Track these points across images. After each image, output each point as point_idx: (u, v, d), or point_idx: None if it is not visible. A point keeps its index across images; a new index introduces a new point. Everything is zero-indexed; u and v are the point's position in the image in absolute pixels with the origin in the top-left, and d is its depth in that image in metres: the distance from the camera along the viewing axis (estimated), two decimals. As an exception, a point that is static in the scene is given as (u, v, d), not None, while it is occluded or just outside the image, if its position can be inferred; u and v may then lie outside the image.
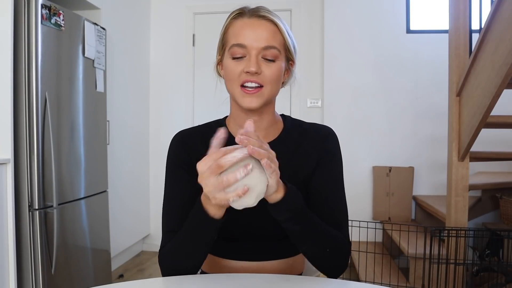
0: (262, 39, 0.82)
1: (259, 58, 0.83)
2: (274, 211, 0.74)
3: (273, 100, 0.90)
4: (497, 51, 1.57)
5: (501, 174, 2.82)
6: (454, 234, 1.93)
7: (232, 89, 0.85)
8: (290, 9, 3.20)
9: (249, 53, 0.82)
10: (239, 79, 0.83)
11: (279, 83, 0.88)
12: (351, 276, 2.70)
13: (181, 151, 0.90)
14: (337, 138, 0.94)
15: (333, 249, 0.82)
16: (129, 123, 3.05)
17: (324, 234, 0.81)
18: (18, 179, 1.87)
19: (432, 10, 3.04)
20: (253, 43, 0.82)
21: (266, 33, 0.83)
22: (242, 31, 0.83)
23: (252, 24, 0.83)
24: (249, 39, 0.82)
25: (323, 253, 0.81)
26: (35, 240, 1.88)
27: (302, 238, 0.79)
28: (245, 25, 0.83)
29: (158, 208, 3.43)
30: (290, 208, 0.73)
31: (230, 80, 0.85)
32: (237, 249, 0.90)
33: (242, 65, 0.83)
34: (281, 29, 0.84)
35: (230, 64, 0.84)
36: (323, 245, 0.81)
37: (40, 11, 1.86)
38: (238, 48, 0.82)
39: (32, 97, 1.87)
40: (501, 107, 1.86)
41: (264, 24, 0.83)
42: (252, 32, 0.82)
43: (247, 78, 0.82)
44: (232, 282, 0.78)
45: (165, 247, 0.83)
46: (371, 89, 3.04)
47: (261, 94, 0.83)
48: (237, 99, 0.85)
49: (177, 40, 3.38)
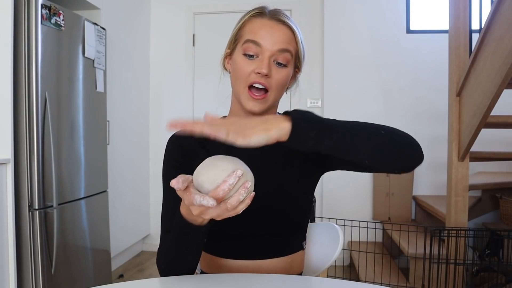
0: (278, 42, 0.83)
1: (271, 61, 0.83)
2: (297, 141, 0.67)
3: (275, 104, 0.91)
4: (497, 51, 1.57)
5: (501, 174, 2.82)
6: (454, 234, 1.93)
7: (238, 88, 0.85)
8: (290, 9, 3.20)
9: (263, 54, 0.83)
10: (248, 79, 0.83)
11: (284, 89, 0.89)
12: (351, 276, 2.70)
13: (176, 152, 0.90)
14: None
15: (388, 131, 0.72)
16: (129, 123, 3.05)
17: (368, 124, 0.73)
18: (18, 179, 1.87)
19: (432, 10, 3.04)
20: (268, 45, 0.82)
21: (284, 37, 0.83)
22: (260, 31, 0.83)
23: (271, 26, 0.84)
24: (265, 39, 0.82)
25: (382, 141, 0.70)
26: (35, 240, 1.88)
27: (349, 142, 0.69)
28: (264, 26, 0.84)
29: (158, 208, 3.44)
30: (309, 124, 0.67)
31: (239, 78, 0.85)
32: (236, 248, 0.90)
33: (254, 65, 0.83)
34: (296, 36, 0.86)
35: (241, 61, 0.84)
36: (378, 133, 0.71)
37: (40, 11, 1.86)
38: (253, 45, 0.83)
39: (32, 97, 1.87)
40: (501, 107, 1.86)
41: (283, 28, 0.84)
42: (270, 33, 0.83)
43: (256, 79, 0.82)
44: (232, 282, 0.78)
45: (160, 249, 0.83)
46: (371, 89, 3.04)
47: (266, 101, 0.84)
48: (241, 100, 0.85)
49: (177, 40, 3.38)
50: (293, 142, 0.67)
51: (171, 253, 0.79)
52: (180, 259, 0.78)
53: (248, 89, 0.83)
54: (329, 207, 3.03)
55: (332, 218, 2.35)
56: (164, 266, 0.82)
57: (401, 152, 0.72)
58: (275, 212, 0.87)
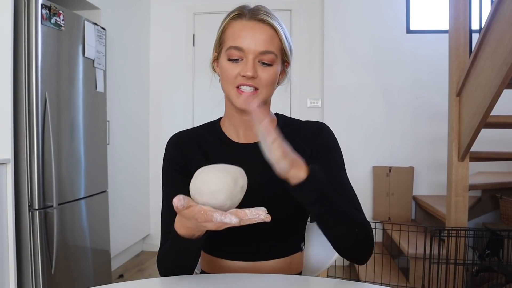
0: (260, 44, 0.81)
1: (256, 62, 0.82)
2: (299, 192, 0.71)
3: (268, 100, 0.90)
4: (497, 51, 1.57)
5: (501, 174, 2.82)
6: (454, 234, 1.93)
7: (227, 90, 0.86)
8: (290, 9, 3.20)
9: (246, 57, 0.82)
10: (235, 82, 0.83)
11: (274, 86, 0.88)
12: (351, 276, 2.70)
13: (175, 154, 0.90)
14: (332, 131, 0.93)
15: (361, 229, 0.79)
16: (129, 123, 3.05)
17: (351, 213, 0.79)
18: (18, 179, 1.87)
19: (432, 10, 3.04)
20: (250, 47, 0.81)
21: (265, 37, 0.82)
22: (241, 34, 0.82)
23: (251, 27, 0.82)
24: (246, 42, 0.81)
25: (351, 234, 0.78)
26: (35, 240, 1.88)
27: (330, 220, 0.76)
28: (243, 28, 0.83)
29: (158, 208, 3.43)
30: (316, 187, 0.71)
31: (226, 81, 0.85)
32: (235, 250, 0.90)
33: (239, 68, 0.83)
34: (279, 33, 0.84)
35: (227, 65, 0.84)
36: (351, 225, 0.78)
37: (40, 11, 1.86)
38: (235, 51, 0.82)
39: (32, 97, 1.87)
40: (501, 107, 1.85)
41: (263, 28, 0.83)
42: (251, 35, 0.82)
43: (243, 82, 0.82)
44: (232, 282, 0.78)
45: (159, 251, 0.83)
46: (371, 89, 3.04)
47: (256, 97, 0.83)
48: (232, 99, 0.85)
49: (177, 40, 3.38)
50: (297, 191, 0.71)
51: (169, 258, 0.80)
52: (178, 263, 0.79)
53: (236, 88, 0.84)
54: (329, 207, 3.02)
55: (332, 218, 2.34)
56: (163, 269, 0.82)
57: (362, 251, 0.82)
58: (273, 214, 0.87)
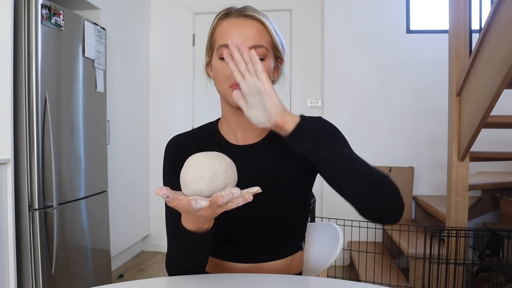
0: (249, 38, 0.81)
1: None
2: (299, 136, 0.71)
3: None
4: (497, 51, 1.57)
5: (501, 174, 2.82)
6: (454, 234, 1.93)
7: (222, 89, 0.85)
8: (290, 9, 3.20)
9: None
10: (229, 80, 0.82)
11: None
12: (351, 276, 2.70)
13: (175, 157, 0.90)
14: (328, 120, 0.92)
15: (378, 180, 0.72)
16: (129, 123, 3.05)
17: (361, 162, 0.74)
18: (18, 179, 1.87)
19: (432, 10, 3.04)
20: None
21: (253, 32, 0.82)
22: (229, 31, 0.82)
23: (239, 24, 0.83)
24: (235, 39, 0.81)
25: (366, 184, 0.71)
26: (35, 240, 1.88)
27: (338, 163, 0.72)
28: (231, 25, 0.83)
29: (158, 208, 3.45)
30: (313, 128, 0.72)
31: (220, 81, 0.84)
32: (235, 252, 0.90)
33: None
34: (268, 27, 0.84)
35: (219, 65, 0.84)
36: (365, 170, 0.72)
37: (40, 11, 1.86)
38: (226, 49, 0.82)
39: (32, 97, 1.87)
40: (501, 107, 1.86)
41: (251, 23, 0.83)
42: (239, 31, 0.82)
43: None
44: (233, 282, 0.78)
45: (168, 255, 0.83)
46: (371, 89, 3.04)
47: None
48: (228, 98, 0.84)
49: (177, 40, 3.38)
50: (295, 135, 0.70)
51: (179, 258, 0.79)
52: (189, 263, 0.79)
53: (231, 87, 0.83)
54: (329, 207, 3.03)
55: (332, 218, 2.35)
56: (173, 270, 0.82)
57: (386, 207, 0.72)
58: (273, 215, 0.87)
